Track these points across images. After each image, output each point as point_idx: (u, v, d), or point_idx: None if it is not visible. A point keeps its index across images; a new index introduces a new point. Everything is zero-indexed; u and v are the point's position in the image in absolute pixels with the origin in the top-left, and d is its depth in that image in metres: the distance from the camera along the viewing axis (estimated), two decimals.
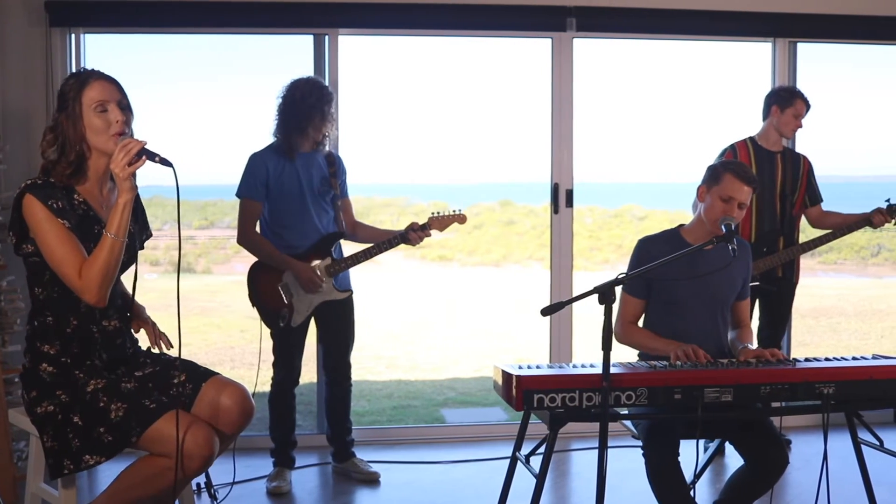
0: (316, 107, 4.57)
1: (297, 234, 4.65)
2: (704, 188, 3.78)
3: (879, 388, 3.46)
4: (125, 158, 2.84)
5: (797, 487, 4.72)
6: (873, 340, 11.88)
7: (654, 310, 3.85)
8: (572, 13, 5.53)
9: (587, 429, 5.13)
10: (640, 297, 3.82)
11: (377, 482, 4.85)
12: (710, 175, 3.77)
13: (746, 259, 3.91)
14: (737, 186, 3.68)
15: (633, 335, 3.81)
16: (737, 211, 3.68)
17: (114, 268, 2.91)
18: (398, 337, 11.74)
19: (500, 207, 27.76)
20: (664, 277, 3.70)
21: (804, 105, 5.20)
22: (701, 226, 3.79)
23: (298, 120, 4.58)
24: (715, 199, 3.70)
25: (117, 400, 2.95)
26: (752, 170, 3.78)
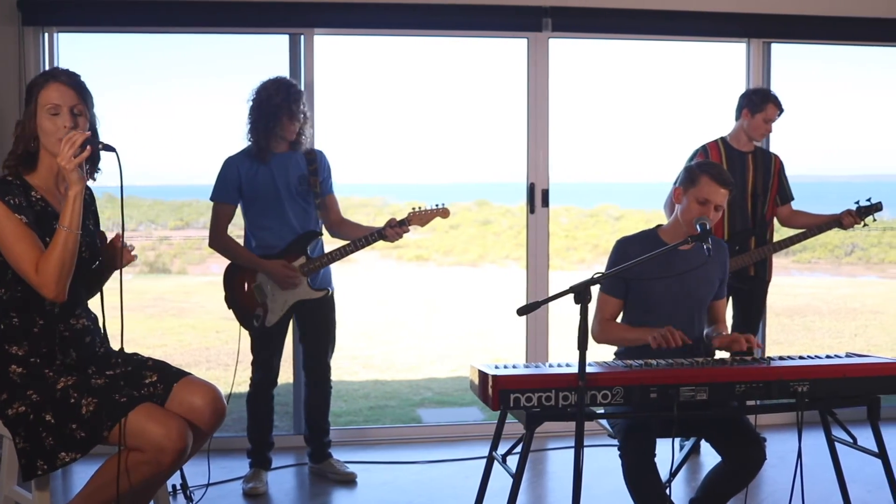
0: (282, 106, 4.55)
1: (275, 235, 4.64)
2: (681, 190, 3.80)
3: (853, 387, 3.49)
4: (70, 150, 2.87)
5: (772, 485, 4.74)
6: (847, 339, 11.96)
7: (631, 310, 3.86)
8: (548, 13, 5.54)
9: (563, 428, 5.13)
10: (618, 297, 3.83)
11: (354, 483, 4.84)
12: (687, 177, 3.79)
13: (723, 259, 3.93)
14: (713, 189, 3.69)
15: (610, 331, 3.83)
16: (713, 213, 3.70)
17: (70, 261, 2.91)
18: (374, 337, 11.73)
19: (477, 207, 27.75)
20: (641, 277, 3.72)
21: (776, 110, 5.21)
22: (678, 227, 3.80)
23: (266, 121, 4.57)
24: (691, 202, 3.72)
25: (88, 395, 2.94)
26: (727, 172, 3.79)
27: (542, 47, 5.61)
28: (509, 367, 3.40)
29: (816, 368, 3.47)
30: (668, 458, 3.49)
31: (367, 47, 34.07)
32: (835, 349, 7.56)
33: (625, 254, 3.74)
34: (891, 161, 34.02)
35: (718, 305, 3.97)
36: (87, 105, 3.05)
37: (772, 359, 3.60)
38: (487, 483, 3.78)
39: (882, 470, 3.61)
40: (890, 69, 23.39)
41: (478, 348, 11.43)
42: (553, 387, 3.25)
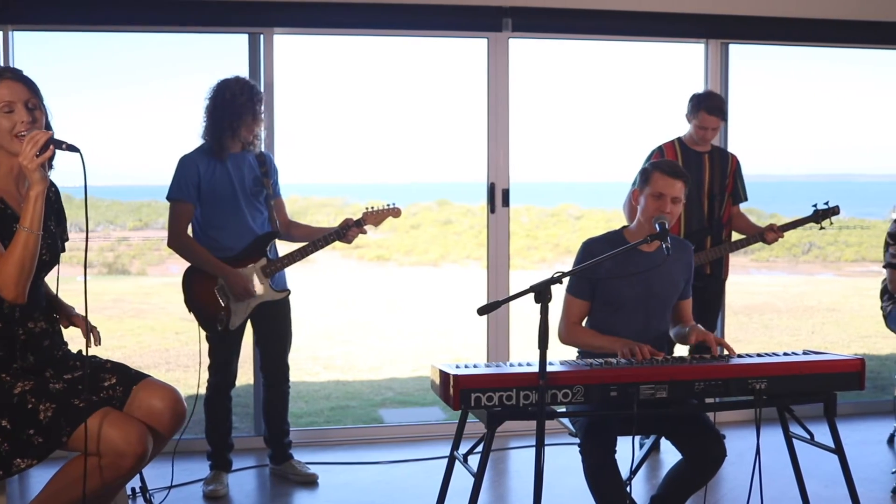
0: (247, 106, 4.52)
1: (231, 236, 4.61)
2: (638, 191, 3.84)
3: (810, 383, 3.53)
4: (33, 150, 2.80)
5: (731, 482, 4.79)
6: (804, 336, 12.09)
7: (596, 311, 3.88)
8: (508, 13, 5.55)
9: (524, 427, 5.14)
10: (584, 298, 3.85)
11: (315, 483, 4.83)
12: (641, 177, 3.85)
13: (688, 260, 3.95)
14: (667, 182, 3.74)
15: (578, 335, 3.85)
16: (671, 206, 3.73)
17: (30, 263, 2.86)
18: (335, 337, 11.69)
19: (438, 207, 27.75)
20: (607, 277, 3.74)
21: (709, 117, 5.19)
22: (641, 227, 3.83)
23: (230, 121, 4.53)
24: (648, 199, 3.76)
25: (46, 400, 2.90)
26: (679, 164, 3.83)
27: (502, 47, 5.63)
28: (470, 366, 3.41)
29: (774, 366, 3.50)
30: (628, 456, 3.51)
31: (327, 47, 33.99)
32: (792, 347, 7.66)
33: (591, 255, 3.76)
34: (848, 160, 34.43)
35: (684, 305, 3.99)
36: (39, 99, 3.01)
37: (730, 357, 3.63)
38: (449, 483, 3.78)
39: (838, 465, 3.66)
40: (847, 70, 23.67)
41: (439, 348, 11.44)
42: (514, 386, 3.26)
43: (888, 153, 12.03)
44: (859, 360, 3.58)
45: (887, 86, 14.69)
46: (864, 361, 3.58)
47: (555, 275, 3.24)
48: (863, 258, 20.66)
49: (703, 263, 5.28)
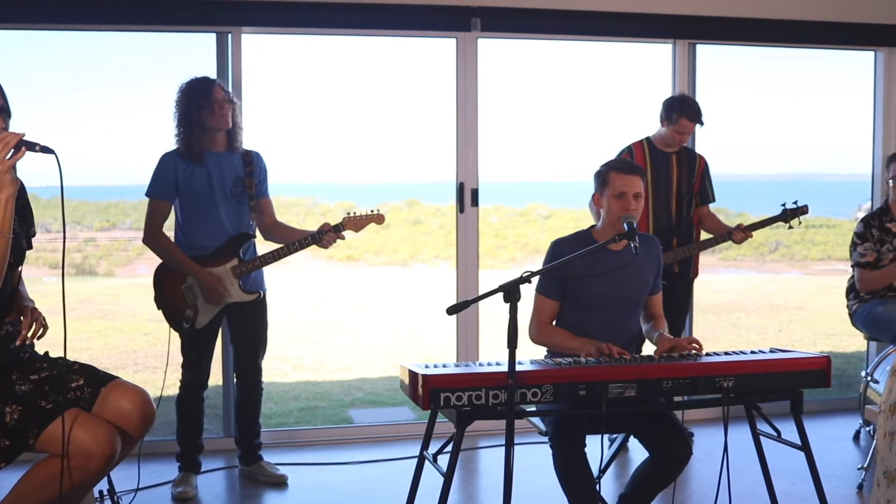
0: (192, 101, 4.51)
1: (206, 235, 4.60)
2: (598, 195, 3.87)
3: (777, 381, 3.56)
4: (3, 151, 2.77)
5: (699, 479, 4.82)
6: (771, 334, 12.18)
7: (567, 310, 3.89)
8: (477, 13, 5.56)
9: (494, 426, 5.15)
10: (554, 298, 3.86)
11: (285, 484, 4.81)
12: (598, 181, 3.87)
13: (656, 254, 3.97)
14: (624, 180, 3.76)
15: (548, 335, 3.86)
16: (633, 203, 3.75)
17: (0, 266, 2.83)
18: (305, 337, 11.66)
19: (407, 207, 27.74)
20: (578, 276, 3.75)
21: (689, 124, 5.24)
22: (608, 228, 3.85)
23: (188, 123, 4.52)
24: (610, 200, 3.78)
25: (12, 402, 2.87)
26: (631, 160, 3.86)
27: (470, 47, 5.63)
28: (439, 366, 3.41)
29: (741, 364, 3.53)
30: (597, 454, 3.52)
31: (295, 46, 33.91)
32: (759, 345, 7.71)
33: (560, 255, 3.77)
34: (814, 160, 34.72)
35: (655, 300, 4.01)
36: (5, 99, 2.98)
37: (698, 355, 3.65)
38: (419, 482, 3.78)
39: (805, 462, 3.69)
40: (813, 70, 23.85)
41: (409, 348, 11.43)
42: (483, 385, 3.26)
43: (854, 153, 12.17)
44: (825, 357, 3.61)
45: (853, 86, 14.84)
46: (829, 359, 3.62)
47: (524, 274, 3.25)
48: (829, 257, 20.86)
49: (671, 263, 5.31)
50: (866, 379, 5.14)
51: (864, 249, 5.27)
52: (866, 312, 5.25)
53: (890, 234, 5.26)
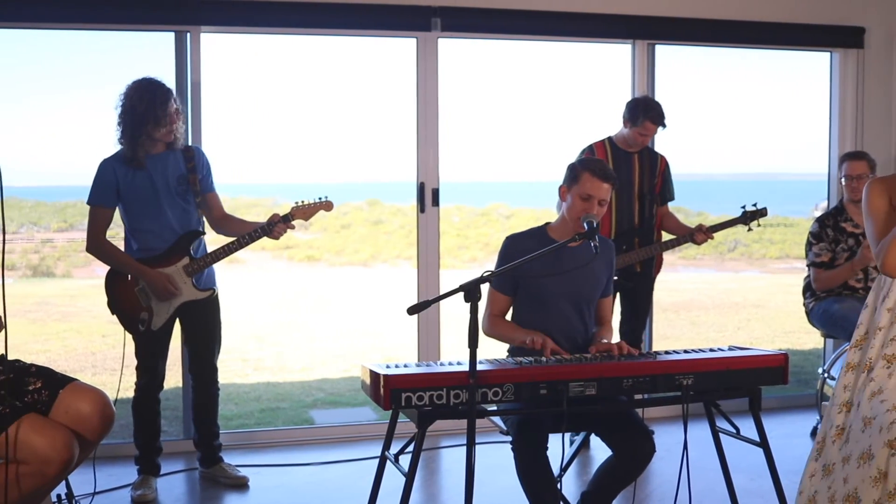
0: (148, 113, 4.44)
1: (155, 237, 4.56)
2: (565, 188, 3.86)
3: (735, 379, 3.59)
4: None
5: (660, 476, 4.85)
6: (730, 332, 12.28)
7: (520, 306, 3.91)
8: (437, 13, 5.56)
9: (456, 426, 5.13)
10: (507, 293, 3.87)
11: (246, 486, 4.79)
12: (570, 175, 3.85)
13: (610, 258, 3.99)
14: (596, 185, 3.76)
15: (497, 327, 3.88)
16: (597, 208, 3.77)
17: None
18: (265, 338, 11.60)
19: (368, 207, 27.68)
20: (531, 274, 3.77)
21: (653, 126, 5.27)
22: (565, 224, 3.86)
23: (132, 130, 4.47)
24: (575, 198, 3.78)
25: None
26: (609, 167, 3.87)
27: (431, 47, 5.63)
28: (400, 366, 3.41)
29: (700, 362, 3.55)
30: (559, 453, 3.54)
31: (255, 45, 33.70)
32: (718, 343, 7.77)
33: (515, 251, 3.78)
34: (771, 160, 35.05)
35: (605, 304, 4.04)
36: None
37: (658, 353, 3.68)
38: (380, 483, 3.77)
39: (763, 458, 3.72)
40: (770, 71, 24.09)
41: (370, 348, 11.41)
42: (444, 385, 3.27)
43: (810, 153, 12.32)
44: (783, 355, 3.65)
45: (809, 87, 15.02)
46: (787, 356, 3.66)
47: (484, 274, 3.26)
48: (787, 255, 21.09)
49: (634, 262, 5.34)
50: (823, 376, 5.20)
51: (820, 249, 5.33)
52: (822, 310, 5.31)
53: (844, 234, 5.32)
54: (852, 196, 5.35)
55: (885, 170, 5.91)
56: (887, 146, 6.37)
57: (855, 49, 6.35)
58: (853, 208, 5.37)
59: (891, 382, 2.99)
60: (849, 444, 2.95)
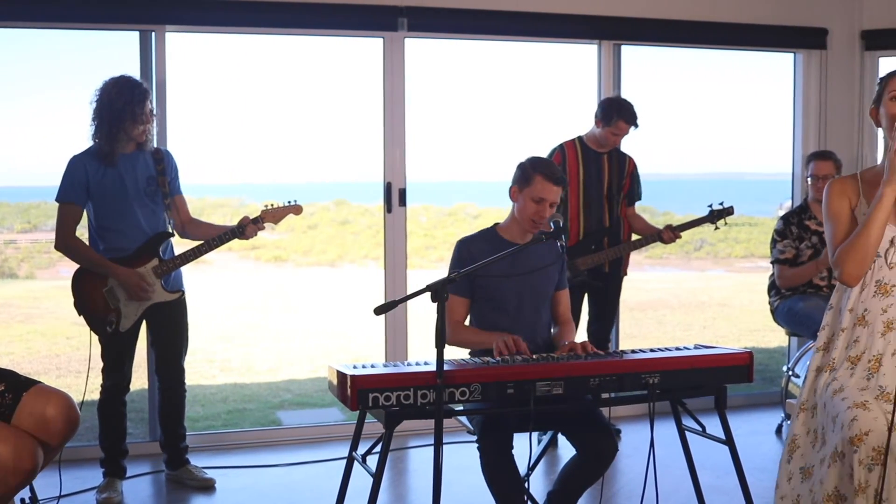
0: (125, 110, 4.43)
1: (123, 237, 4.53)
2: (516, 188, 3.90)
3: (701, 377, 3.61)
4: None
5: (627, 474, 4.87)
6: (696, 331, 12.36)
7: (479, 308, 3.93)
8: (403, 13, 5.55)
9: (423, 426, 5.15)
10: (463, 295, 3.89)
11: (213, 488, 4.76)
12: (521, 176, 3.88)
13: (557, 251, 4.03)
14: (547, 188, 3.81)
15: (460, 333, 3.88)
16: (548, 210, 3.82)
17: None
18: (232, 339, 11.54)
19: (335, 207, 27.64)
20: (487, 275, 3.79)
21: (626, 126, 5.31)
22: (516, 223, 3.91)
23: (109, 126, 4.45)
24: (527, 200, 3.83)
25: None
26: (559, 169, 3.90)
27: (397, 47, 5.63)
28: (368, 366, 3.40)
29: (666, 361, 3.57)
30: (526, 452, 3.54)
31: (222, 45, 33.52)
32: (684, 341, 7.83)
33: (468, 253, 3.82)
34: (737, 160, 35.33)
35: (561, 297, 4.07)
36: None
37: (624, 352, 3.70)
38: (348, 483, 3.76)
39: (729, 456, 3.75)
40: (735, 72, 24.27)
41: (337, 348, 11.39)
42: (411, 385, 3.26)
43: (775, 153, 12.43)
44: (748, 353, 3.68)
45: (774, 88, 15.15)
46: (752, 355, 3.69)
47: (451, 274, 3.26)
48: (752, 254, 21.27)
49: (603, 262, 5.37)
50: (788, 374, 5.24)
51: (784, 247, 5.38)
52: (787, 308, 5.35)
53: (809, 232, 5.37)
54: (818, 196, 5.40)
55: (850, 170, 5.96)
56: (850, 146, 6.44)
57: (818, 50, 6.41)
58: (817, 207, 5.42)
59: (852, 382, 3.02)
60: (826, 446, 2.98)
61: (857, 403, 2.90)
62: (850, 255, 3.06)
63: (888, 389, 2.95)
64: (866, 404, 2.90)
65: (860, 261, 3.06)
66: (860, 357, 3.07)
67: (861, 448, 2.80)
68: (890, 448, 2.79)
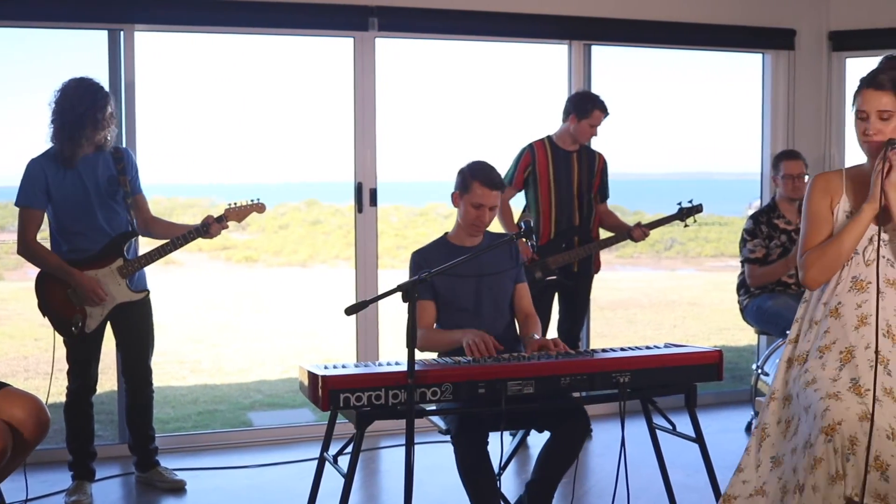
0: (87, 115, 4.38)
1: (86, 239, 4.49)
2: (458, 195, 3.99)
3: (671, 375, 3.64)
4: None
5: (598, 473, 4.89)
6: (666, 330, 12.42)
7: (444, 314, 3.97)
8: (374, 13, 5.54)
9: (395, 426, 5.14)
10: (428, 298, 3.94)
11: (183, 490, 4.74)
12: (461, 182, 3.98)
13: (508, 248, 4.09)
14: (485, 193, 3.90)
15: (431, 337, 3.92)
16: (489, 214, 3.93)
17: None
18: (202, 340, 11.48)
19: (306, 207, 27.56)
20: (451, 276, 3.81)
21: (601, 115, 5.36)
22: (462, 229, 4.00)
23: (70, 131, 4.40)
24: (467, 206, 3.93)
25: None
26: (497, 172, 3.97)
27: (368, 47, 5.62)
28: (339, 367, 3.40)
29: (637, 359, 3.59)
30: (497, 451, 3.55)
31: (191, 44, 33.33)
32: (655, 340, 7.85)
33: (425, 262, 3.88)
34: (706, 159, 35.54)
35: (522, 290, 4.11)
36: None
37: (595, 351, 3.71)
38: (319, 484, 3.76)
39: (699, 454, 3.77)
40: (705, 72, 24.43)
41: (308, 349, 11.35)
42: (382, 385, 3.26)
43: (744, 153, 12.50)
44: (717, 351, 3.71)
45: (743, 88, 15.25)
46: (721, 353, 3.71)
47: (422, 274, 3.27)
48: (722, 253, 21.39)
49: (572, 262, 5.38)
50: (757, 372, 5.28)
51: (754, 246, 5.41)
52: (756, 307, 5.39)
53: (778, 231, 5.41)
54: (791, 194, 5.44)
55: (815, 169, 6.01)
56: (818, 146, 6.50)
57: (786, 51, 6.46)
58: (786, 205, 5.46)
59: (824, 373, 3.04)
60: (797, 435, 3.01)
61: (830, 394, 2.94)
62: (818, 262, 3.12)
63: (860, 382, 2.98)
64: (839, 395, 2.93)
65: (827, 269, 3.14)
66: (830, 347, 3.10)
67: (835, 437, 2.83)
68: (871, 442, 2.82)
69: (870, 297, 3.09)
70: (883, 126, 3.05)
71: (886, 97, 3.03)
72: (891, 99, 3.03)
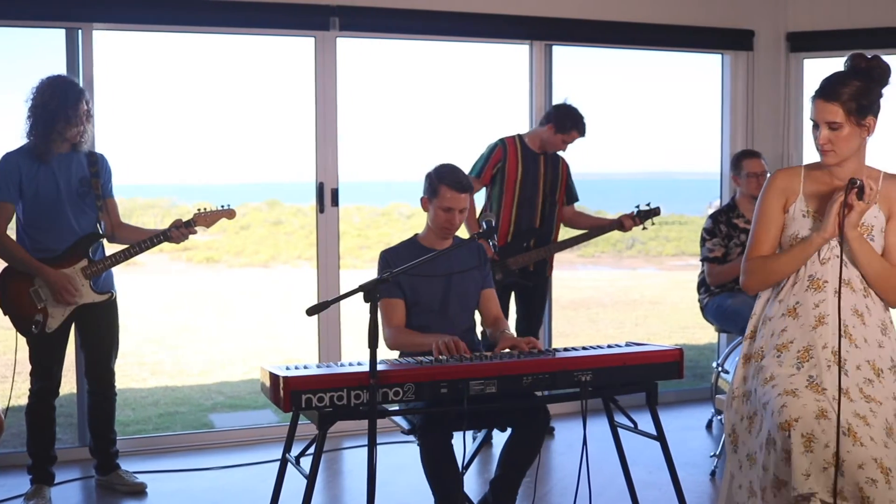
0: (59, 111, 4.37)
1: (53, 237, 4.45)
2: (426, 199, 4.00)
3: (633, 374, 3.66)
4: None
5: (560, 471, 4.91)
6: (628, 328, 12.49)
7: (413, 315, 3.96)
8: (335, 12, 5.53)
9: (358, 427, 5.14)
10: (398, 296, 3.93)
11: (144, 493, 4.70)
12: (429, 187, 3.98)
13: (474, 247, 4.11)
14: (454, 197, 3.91)
15: (402, 337, 3.90)
16: (458, 217, 3.93)
17: None
18: (163, 341, 11.40)
19: (268, 207, 27.45)
20: (416, 274, 3.81)
21: (578, 136, 5.42)
22: (432, 232, 4.01)
23: (44, 126, 4.39)
24: (436, 210, 3.94)
25: None
26: (464, 175, 3.99)
27: (329, 46, 5.60)
28: (300, 367, 3.39)
29: (598, 358, 3.61)
30: (460, 451, 3.55)
31: (150, 44, 33.08)
32: (616, 339, 7.91)
33: (395, 262, 3.85)
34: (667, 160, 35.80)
35: (489, 296, 4.13)
36: None
37: (557, 350, 3.73)
38: (282, 486, 3.75)
39: (661, 452, 3.80)
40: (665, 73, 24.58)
41: (270, 350, 11.30)
42: (344, 386, 3.26)
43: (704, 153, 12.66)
44: (678, 350, 3.74)
45: (703, 88, 15.38)
46: (682, 351, 3.74)
47: (384, 274, 3.27)
48: (682, 252, 21.54)
49: (529, 263, 5.41)
50: (717, 369, 5.32)
51: (713, 245, 5.45)
52: (716, 305, 5.43)
53: (737, 230, 5.46)
54: (757, 192, 5.48)
55: (774, 169, 6.07)
56: (776, 145, 6.56)
57: (745, 51, 6.52)
58: (745, 204, 5.51)
59: (781, 371, 3.08)
60: (762, 432, 3.04)
61: (787, 391, 2.97)
62: (759, 274, 3.23)
63: (818, 380, 3.01)
64: (796, 392, 2.96)
65: (764, 283, 3.26)
66: (787, 346, 3.13)
67: (792, 433, 2.86)
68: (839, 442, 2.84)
69: (827, 296, 3.13)
70: (832, 136, 3.09)
71: (835, 108, 3.07)
72: (839, 110, 3.07)
